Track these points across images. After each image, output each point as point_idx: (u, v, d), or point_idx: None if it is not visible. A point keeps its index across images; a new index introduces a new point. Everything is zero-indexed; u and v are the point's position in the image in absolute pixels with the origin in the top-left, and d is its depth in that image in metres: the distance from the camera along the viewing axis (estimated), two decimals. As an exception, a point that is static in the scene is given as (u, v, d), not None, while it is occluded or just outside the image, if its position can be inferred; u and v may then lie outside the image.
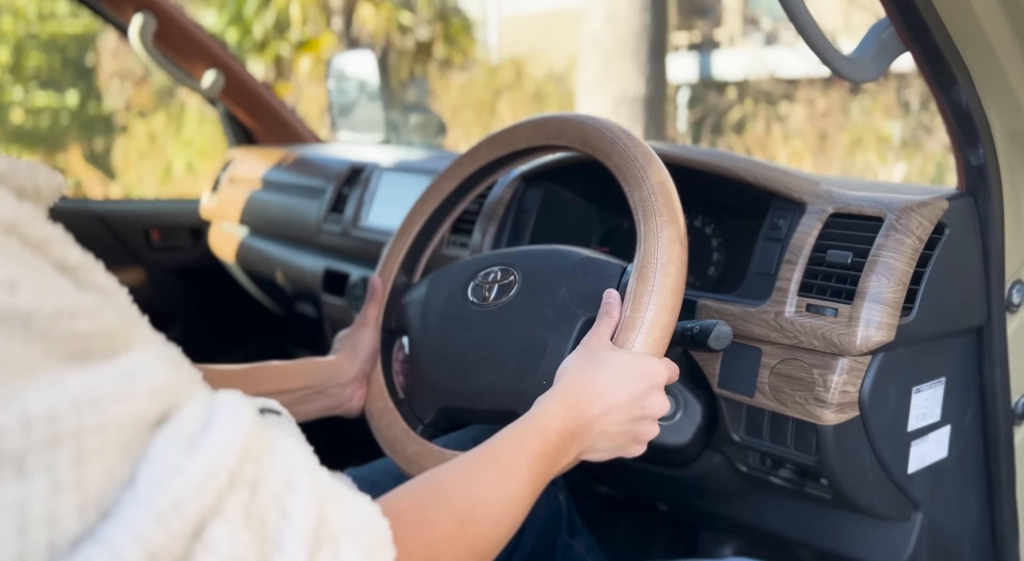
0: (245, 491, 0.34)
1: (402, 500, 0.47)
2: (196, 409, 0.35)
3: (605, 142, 0.75)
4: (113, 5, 1.57)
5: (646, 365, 0.64)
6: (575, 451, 0.61)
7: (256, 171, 1.68)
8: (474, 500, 0.50)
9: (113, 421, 0.30)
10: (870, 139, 5.22)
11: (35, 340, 0.29)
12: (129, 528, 0.29)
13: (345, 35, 8.19)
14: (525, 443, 0.56)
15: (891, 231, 0.74)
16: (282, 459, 0.38)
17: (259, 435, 0.37)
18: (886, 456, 0.79)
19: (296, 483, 0.37)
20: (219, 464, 0.33)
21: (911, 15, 0.66)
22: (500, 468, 0.53)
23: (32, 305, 0.29)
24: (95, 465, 0.30)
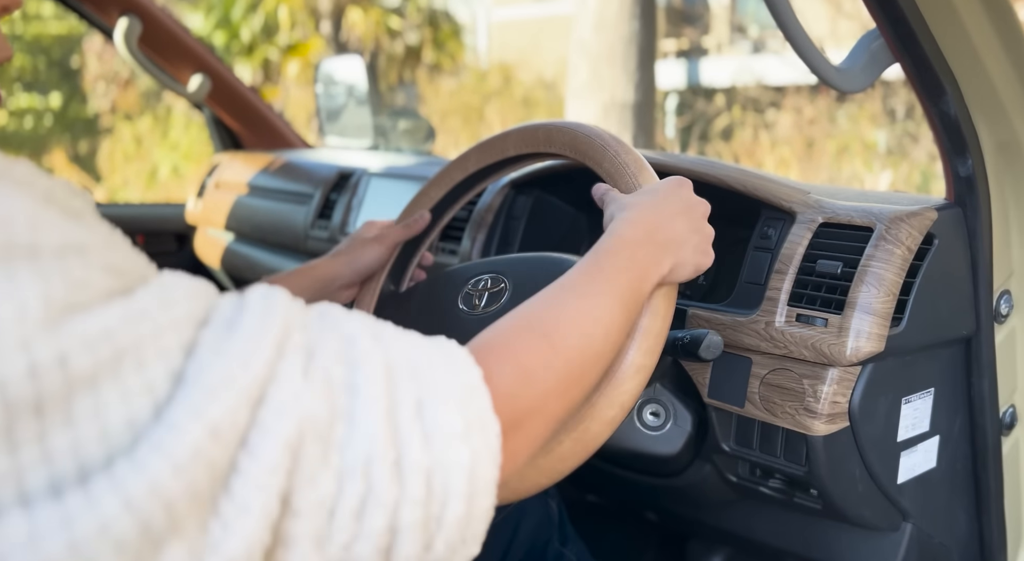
0: (299, 356, 0.35)
1: (484, 335, 0.46)
2: (230, 300, 0.36)
3: (596, 149, 0.75)
4: (98, 8, 1.56)
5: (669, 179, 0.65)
6: (662, 260, 0.58)
7: (243, 176, 1.66)
8: (558, 318, 0.48)
9: (166, 324, 0.32)
10: (856, 147, 5.26)
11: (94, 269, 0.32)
12: (185, 406, 0.31)
13: (334, 39, 8.17)
14: (600, 264, 0.54)
15: (881, 241, 0.74)
16: (330, 320, 0.38)
17: (298, 306, 0.38)
18: (876, 467, 0.79)
19: (354, 335, 0.38)
20: (260, 336, 0.34)
21: (901, 26, 0.67)
22: (579, 289, 0.51)
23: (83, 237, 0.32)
24: (158, 367, 0.32)
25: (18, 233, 0.30)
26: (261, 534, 0.32)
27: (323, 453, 0.35)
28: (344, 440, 0.35)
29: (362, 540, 0.35)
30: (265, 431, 0.33)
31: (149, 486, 0.29)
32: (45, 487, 0.29)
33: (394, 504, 0.36)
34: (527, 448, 0.44)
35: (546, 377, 0.45)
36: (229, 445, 0.32)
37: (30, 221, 0.30)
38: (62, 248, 0.31)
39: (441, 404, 0.38)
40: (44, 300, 0.29)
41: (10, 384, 0.28)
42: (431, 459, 0.37)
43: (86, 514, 0.28)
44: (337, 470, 0.35)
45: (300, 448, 0.34)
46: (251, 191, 1.62)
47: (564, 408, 0.47)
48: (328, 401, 0.35)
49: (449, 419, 0.38)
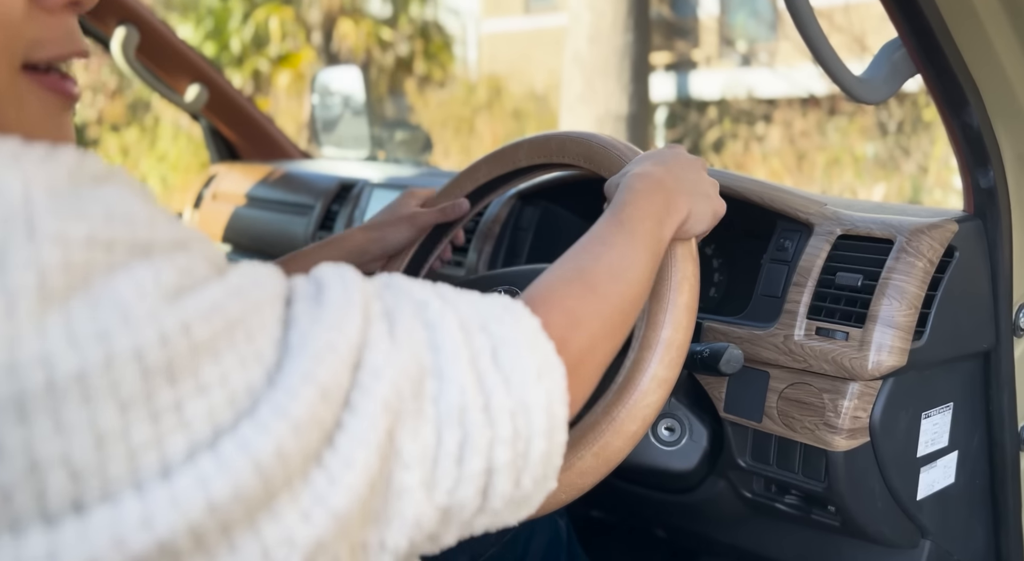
0: (382, 322, 0.38)
1: (531, 289, 0.49)
2: (303, 279, 0.39)
3: (612, 160, 0.74)
4: (94, 17, 1.54)
5: (675, 145, 0.67)
6: (677, 197, 0.60)
7: (241, 187, 1.64)
8: (596, 268, 0.51)
9: (262, 300, 0.35)
10: (847, 160, 5.30)
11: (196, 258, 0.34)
12: (299, 372, 0.33)
13: (324, 50, 8.17)
14: (617, 215, 0.56)
15: (902, 254, 0.73)
16: (400, 289, 0.41)
17: (367, 281, 0.41)
18: (895, 483, 0.77)
19: (424, 299, 0.41)
20: (347, 306, 0.37)
21: (924, 37, 0.66)
22: (608, 240, 0.54)
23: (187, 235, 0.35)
24: (263, 338, 0.34)
25: (139, 231, 0.32)
26: (363, 488, 0.34)
27: (419, 407, 0.37)
28: (436, 393, 0.38)
29: (464, 483, 0.38)
30: (365, 391, 0.35)
31: (275, 446, 0.31)
32: (183, 454, 0.31)
33: (488, 446, 0.39)
34: (582, 391, 0.47)
35: (593, 323, 0.48)
36: (335, 405, 0.34)
37: (148, 220, 0.33)
38: (172, 244, 0.33)
39: (514, 352, 0.41)
40: (160, 282, 0.32)
41: (146, 352, 0.30)
42: (514, 401, 0.40)
43: (221, 475, 0.30)
44: (435, 421, 0.38)
45: (398, 405, 0.36)
46: (250, 202, 1.60)
47: (609, 352, 0.50)
48: (416, 360, 0.38)
49: (523, 363, 0.41)
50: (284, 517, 0.32)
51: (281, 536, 0.32)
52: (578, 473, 0.61)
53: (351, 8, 8.23)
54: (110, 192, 0.33)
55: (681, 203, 0.60)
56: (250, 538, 0.31)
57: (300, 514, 0.33)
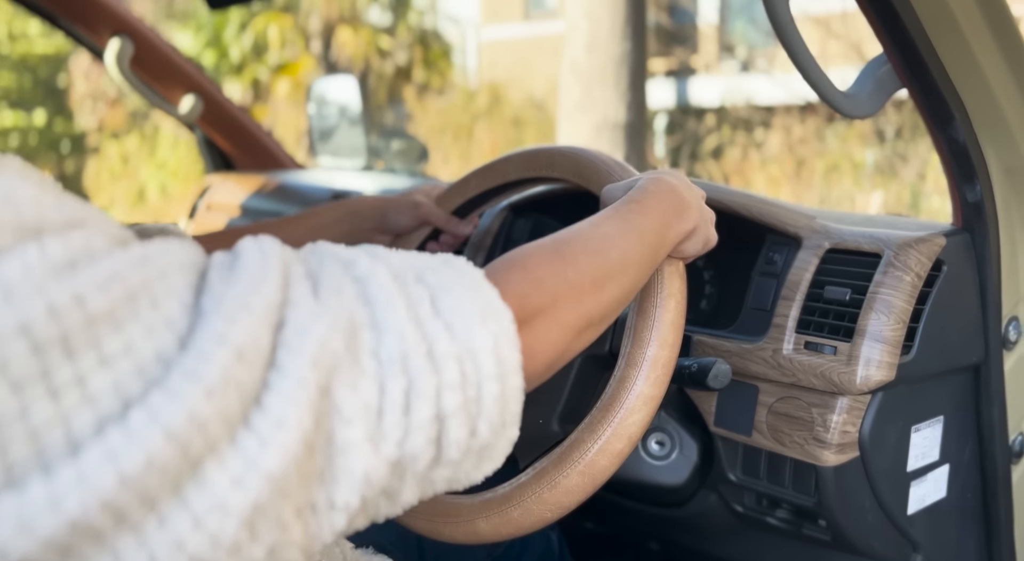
0: (305, 282, 0.37)
1: (509, 262, 0.47)
2: (221, 252, 0.38)
3: (600, 174, 0.74)
4: (89, 29, 1.54)
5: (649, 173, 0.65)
6: (684, 212, 0.59)
7: (235, 198, 1.64)
8: (570, 239, 0.50)
9: (169, 268, 0.34)
10: (846, 167, 5.30)
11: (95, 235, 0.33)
12: (211, 333, 0.32)
13: (323, 59, 8.19)
14: (619, 208, 0.56)
15: (890, 268, 0.73)
16: (324, 252, 0.40)
17: (291, 250, 0.39)
18: (886, 497, 0.77)
19: (352, 257, 0.40)
20: (265, 269, 0.36)
21: (909, 52, 0.66)
22: (595, 221, 0.54)
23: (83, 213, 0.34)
24: (171, 303, 0.33)
25: (25, 213, 0.31)
26: (297, 448, 0.33)
27: (355, 360, 0.36)
28: (374, 344, 0.37)
29: (413, 433, 0.37)
30: (290, 349, 0.34)
31: (186, 413, 0.30)
32: (92, 429, 0.30)
33: (435, 392, 0.38)
34: (541, 346, 0.46)
35: (555, 283, 0.47)
36: (256, 366, 0.33)
37: (34, 202, 0.32)
38: (65, 223, 0.32)
39: (454, 298, 0.40)
40: (49, 257, 0.31)
41: (34, 325, 0.29)
42: (458, 346, 0.39)
43: (131, 448, 0.29)
44: (375, 373, 0.36)
45: (331, 361, 0.35)
46: (244, 213, 1.60)
47: (576, 317, 0.48)
48: (347, 314, 0.37)
49: (464, 309, 0.40)
50: (213, 484, 0.31)
51: (212, 503, 0.31)
52: (564, 491, 0.60)
53: (350, 16, 8.25)
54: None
55: (692, 214, 0.60)
56: (178, 508, 0.31)
57: (231, 479, 0.31)
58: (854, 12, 4.76)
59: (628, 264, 0.53)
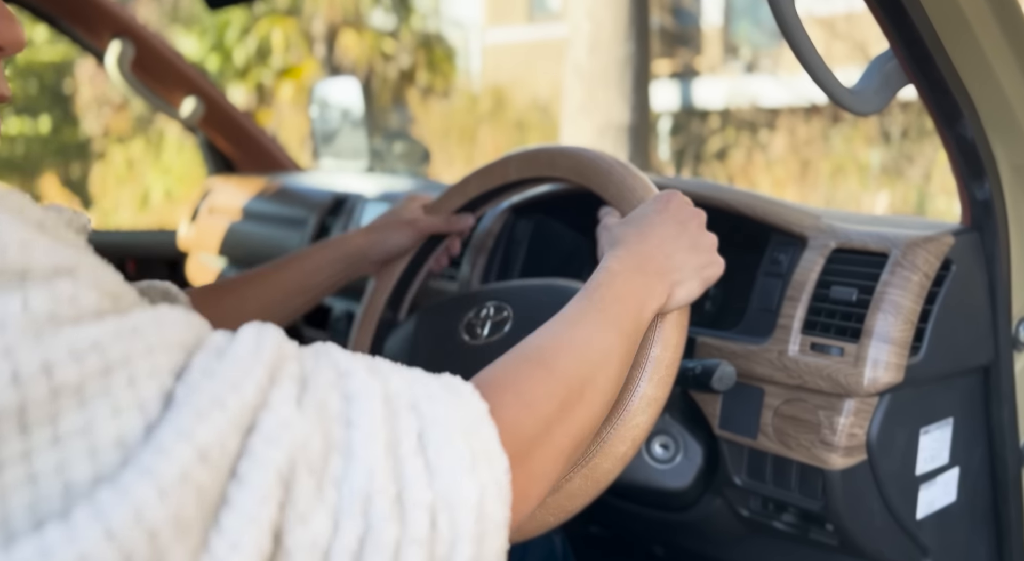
0: (292, 385, 0.34)
1: (482, 372, 0.45)
2: (222, 333, 0.36)
3: (601, 174, 0.73)
4: (90, 32, 1.54)
5: (655, 198, 0.64)
6: (657, 287, 0.57)
7: (236, 201, 1.64)
8: (553, 346, 0.48)
9: (157, 344, 0.32)
10: (851, 167, 5.28)
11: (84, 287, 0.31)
12: (173, 428, 0.30)
13: (327, 62, 8.20)
14: (591, 297, 0.54)
15: (897, 268, 0.72)
16: (324, 354, 0.37)
17: (292, 343, 0.37)
18: (894, 501, 0.76)
19: (350, 369, 0.37)
20: (253, 363, 0.33)
21: (916, 47, 0.65)
22: (572, 319, 0.52)
23: (74, 261, 0.31)
24: (150, 385, 0.31)
25: (9, 258, 0.29)
26: None
27: (317, 487, 0.33)
28: (340, 474, 0.33)
29: None
30: (255, 460, 0.31)
31: (133, 513, 0.28)
32: (25, 514, 0.27)
33: (395, 545, 0.33)
34: (536, 486, 0.43)
35: (548, 403, 0.44)
36: (218, 472, 0.30)
37: (22, 245, 0.30)
38: (52, 270, 0.30)
39: (445, 437, 0.36)
40: (28, 313, 0.29)
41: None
42: (435, 495, 0.35)
43: (66, 547, 0.27)
44: (333, 507, 0.33)
45: (292, 480, 0.32)
46: (245, 216, 1.59)
47: (569, 439, 0.46)
48: (323, 432, 0.33)
49: (453, 452, 0.36)
50: None
51: None
52: (567, 495, 0.59)
53: (354, 20, 8.27)
54: None
55: (660, 287, 0.58)
56: None
57: None
58: (858, 13, 4.74)
59: (611, 364, 0.51)
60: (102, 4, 1.49)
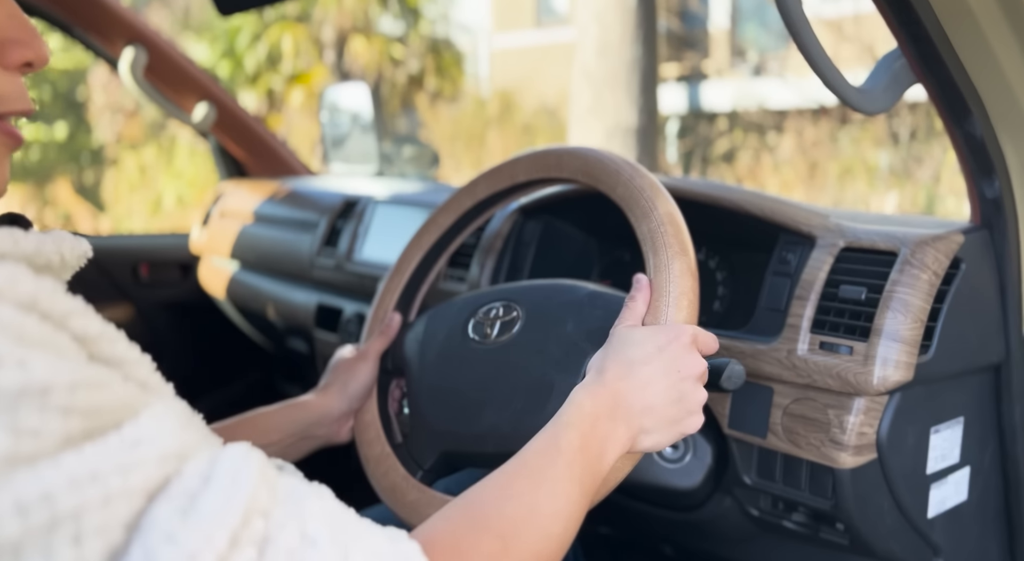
0: (251, 551, 0.32)
1: (436, 531, 0.43)
2: (197, 468, 0.33)
3: (609, 174, 0.73)
4: (104, 39, 1.55)
5: (668, 329, 0.60)
6: (623, 436, 0.55)
7: (248, 204, 1.65)
8: (514, 516, 0.46)
9: (116, 494, 0.30)
10: (859, 169, 5.26)
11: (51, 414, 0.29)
12: None
13: (337, 68, 8.24)
14: (558, 441, 0.52)
15: (906, 266, 0.72)
16: (294, 509, 0.36)
17: (268, 486, 0.35)
18: (905, 500, 0.76)
19: (313, 534, 0.35)
20: (217, 526, 0.31)
21: (923, 46, 0.65)
22: (536, 476, 0.49)
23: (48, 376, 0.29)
24: (96, 543, 0.29)
25: None
26: None
27: None
28: None
29: None
30: None
31: None
32: None
33: None
34: None
35: None
36: None
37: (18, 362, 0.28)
38: (19, 393, 0.28)
39: None
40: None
41: None
42: None
43: None
44: None
45: None
46: (256, 219, 1.61)
47: None
48: None
49: None
50: None
51: None
52: None
53: (363, 26, 8.31)
54: None
55: (627, 436, 0.56)
56: None
57: None
58: (865, 15, 4.72)
59: (569, 532, 0.49)
60: (116, 11, 1.51)
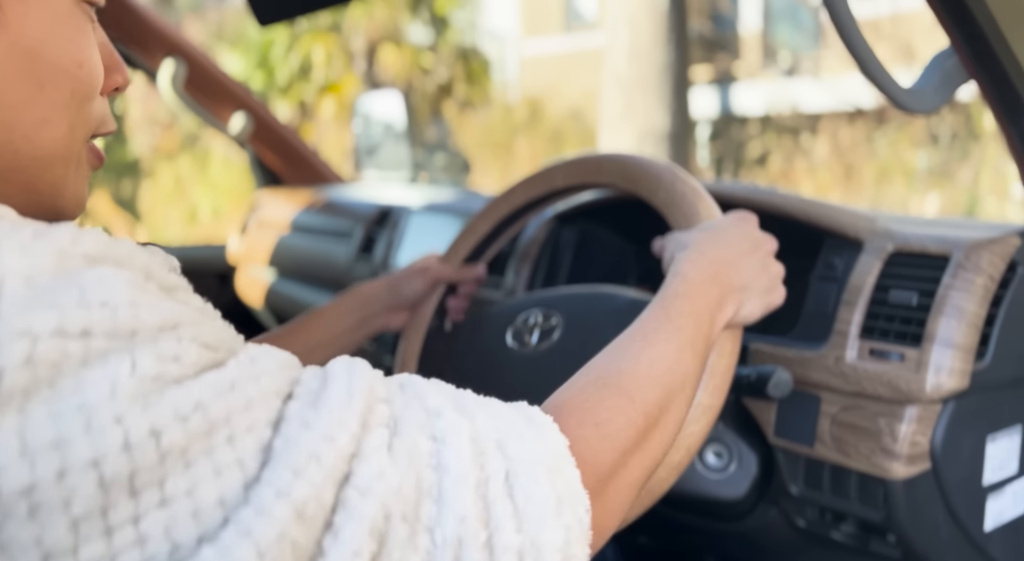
0: (383, 431, 0.35)
1: (561, 395, 0.46)
2: (312, 373, 0.37)
3: (650, 179, 0.73)
4: (143, 51, 1.59)
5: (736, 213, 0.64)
6: (726, 301, 0.58)
7: (284, 214, 1.67)
8: (633, 371, 0.48)
9: (254, 398, 0.32)
10: (897, 171, 5.16)
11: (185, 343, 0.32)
12: (272, 485, 0.30)
13: (367, 77, 8.33)
14: (666, 307, 0.54)
15: (960, 270, 0.69)
16: (413, 391, 0.38)
17: (382, 380, 0.38)
18: (961, 512, 0.73)
19: (438, 408, 0.37)
20: (345, 411, 0.34)
21: (977, 43, 0.63)
22: (649, 338, 0.51)
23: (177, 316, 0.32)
24: (248, 441, 0.31)
25: (120, 319, 0.30)
26: None
27: (411, 534, 0.33)
28: (433, 520, 0.34)
29: None
30: (350, 512, 0.32)
31: None
32: None
33: None
34: (610, 519, 0.43)
35: (626, 435, 0.44)
36: (314, 526, 0.31)
37: (131, 305, 0.31)
38: (159, 328, 0.31)
39: (531, 479, 0.37)
40: (136, 377, 0.30)
41: (107, 460, 0.28)
42: (524, 539, 0.35)
43: None
44: (426, 554, 0.33)
45: (386, 530, 0.33)
46: (293, 229, 1.62)
47: (644, 469, 0.46)
48: (415, 478, 0.34)
49: (540, 494, 0.37)
50: None
51: None
52: None
53: (393, 35, 8.39)
54: (93, 276, 0.31)
55: (731, 301, 0.58)
56: None
57: None
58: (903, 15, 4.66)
59: (687, 387, 0.51)
60: (155, 25, 1.54)
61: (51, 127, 0.40)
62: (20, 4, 0.38)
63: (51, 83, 0.40)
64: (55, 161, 0.42)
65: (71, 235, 0.32)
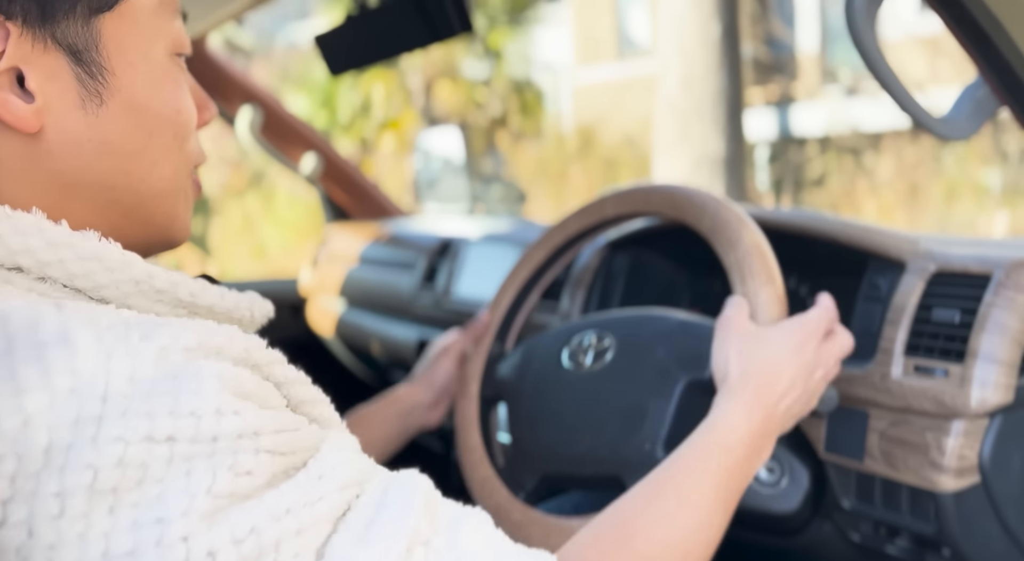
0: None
1: (585, 548, 0.46)
2: (371, 498, 0.38)
3: (695, 207, 0.77)
4: (221, 99, 1.71)
5: (802, 323, 0.65)
6: (768, 448, 0.60)
7: (352, 247, 1.76)
8: (660, 538, 0.48)
9: (307, 524, 0.34)
10: (965, 189, 5.01)
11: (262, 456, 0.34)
12: None
13: (425, 113, 8.55)
14: (707, 462, 0.53)
15: (1001, 289, 0.72)
16: (452, 537, 0.39)
17: (430, 514, 0.39)
18: (1015, 524, 0.74)
19: (470, 556, 0.39)
20: (386, 556, 0.35)
21: (1006, 75, 0.66)
22: (684, 496, 0.51)
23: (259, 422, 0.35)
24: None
25: (204, 426, 0.33)
26: None
27: None
28: None
29: None
30: None
31: None
32: None
33: None
34: None
35: None
36: None
37: (216, 411, 0.34)
38: (238, 436, 0.34)
39: None
40: (211, 495, 0.32)
41: None
42: None
43: None
44: None
45: None
46: (361, 261, 1.71)
47: None
48: None
49: None
50: None
51: None
52: None
53: (449, 70, 8.61)
54: (189, 378, 0.34)
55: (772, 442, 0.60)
56: None
57: None
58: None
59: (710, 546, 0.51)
60: (232, 75, 1.67)
61: (160, 168, 0.47)
62: (129, 67, 0.45)
63: (157, 131, 0.46)
64: (167, 196, 0.48)
65: (173, 332, 0.35)
